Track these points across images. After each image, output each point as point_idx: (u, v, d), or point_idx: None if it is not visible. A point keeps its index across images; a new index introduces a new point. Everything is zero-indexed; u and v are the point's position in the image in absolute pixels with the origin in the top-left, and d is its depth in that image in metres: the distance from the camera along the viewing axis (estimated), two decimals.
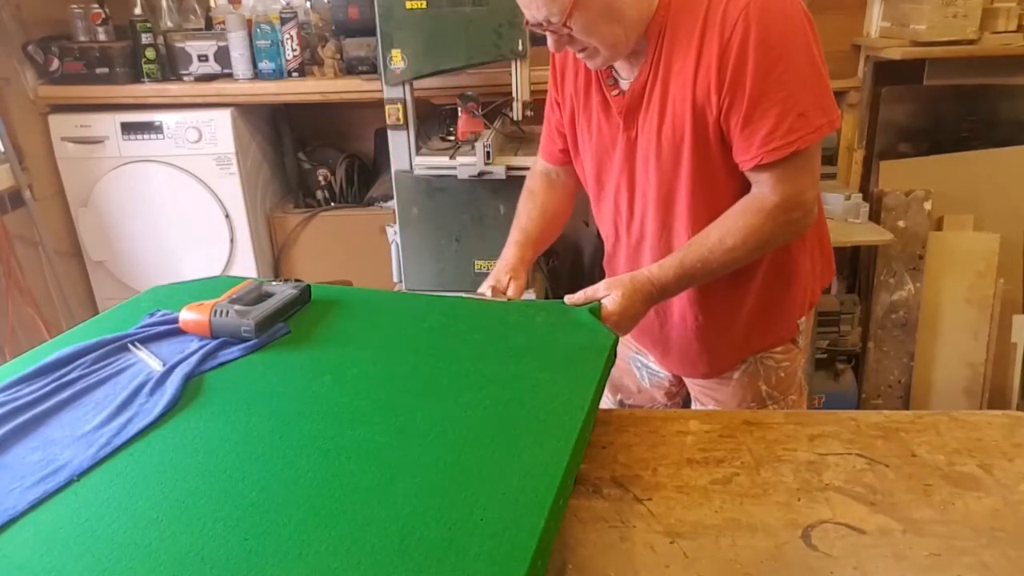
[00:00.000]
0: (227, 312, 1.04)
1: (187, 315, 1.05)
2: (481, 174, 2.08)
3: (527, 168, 1.51)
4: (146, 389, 0.91)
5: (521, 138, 2.31)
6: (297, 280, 1.17)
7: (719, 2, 1.05)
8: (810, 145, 1.08)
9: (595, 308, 1.11)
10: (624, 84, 1.18)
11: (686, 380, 1.44)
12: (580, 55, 1.15)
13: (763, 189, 1.12)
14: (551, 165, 1.42)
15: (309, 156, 2.80)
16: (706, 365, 1.34)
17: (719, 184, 1.15)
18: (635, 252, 1.30)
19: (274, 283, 1.16)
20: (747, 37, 1.03)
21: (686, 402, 1.49)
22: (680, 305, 1.29)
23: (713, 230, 1.13)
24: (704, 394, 1.40)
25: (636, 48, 1.13)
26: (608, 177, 1.28)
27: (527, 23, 1.11)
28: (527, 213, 1.37)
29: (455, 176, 2.11)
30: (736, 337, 1.30)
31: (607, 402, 1.55)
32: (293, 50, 2.36)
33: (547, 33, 1.10)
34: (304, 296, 1.15)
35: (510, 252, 1.31)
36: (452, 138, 2.21)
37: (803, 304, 1.31)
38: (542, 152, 1.44)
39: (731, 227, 1.12)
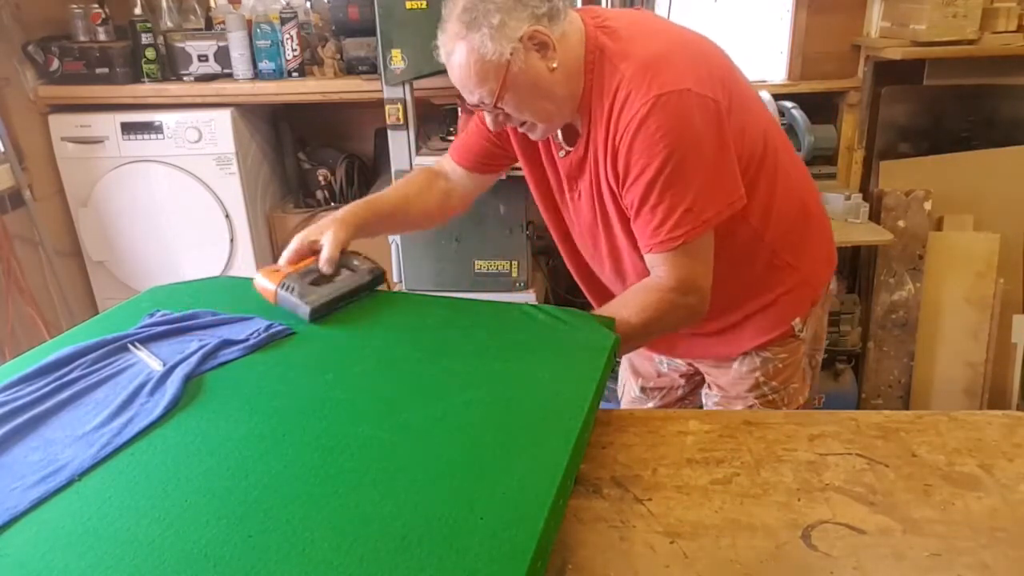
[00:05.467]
0: (293, 288, 1.08)
1: (260, 280, 1.12)
2: None
3: None
4: (146, 389, 0.91)
5: None
6: (374, 265, 1.17)
7: (624, 90, 1.07)
8: (698, 237, 1.10)
9: None
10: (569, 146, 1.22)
11: (696, 363, 1.48)
12: (521, 129, 1.18)
13: (658, 273, 1.15)
14: (459, 167, 1.39)
15: (309, 156, 2.79)
16: (713, 357, 1.40)
17: None
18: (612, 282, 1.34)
19: (355, 260, 1.16)
20: (635, 139, 1.05)
21: (704, 380, 1.52)
22: None
23: (612, 304, 1.18)
24: (712, 377, 1.44)
25: (574, 121, 1.17)
26: (562, 218, 1.33)
27: (465, 103, 1.14)
28: (388, 193, 1.35)
29: None
30: (731, 338, 1.34)
31: (629, 387, 1.61)
32: (293, 50, 2.36)
33: (485, 112, 1.15)
34: (373, 283, 1.16)
35: (337, 221, 1.21)
36: (452, 138, 2.21)
37: (798, 308, 1.32)
38: (456, 153, 1.39)
39: (629, 301, 1.16)
